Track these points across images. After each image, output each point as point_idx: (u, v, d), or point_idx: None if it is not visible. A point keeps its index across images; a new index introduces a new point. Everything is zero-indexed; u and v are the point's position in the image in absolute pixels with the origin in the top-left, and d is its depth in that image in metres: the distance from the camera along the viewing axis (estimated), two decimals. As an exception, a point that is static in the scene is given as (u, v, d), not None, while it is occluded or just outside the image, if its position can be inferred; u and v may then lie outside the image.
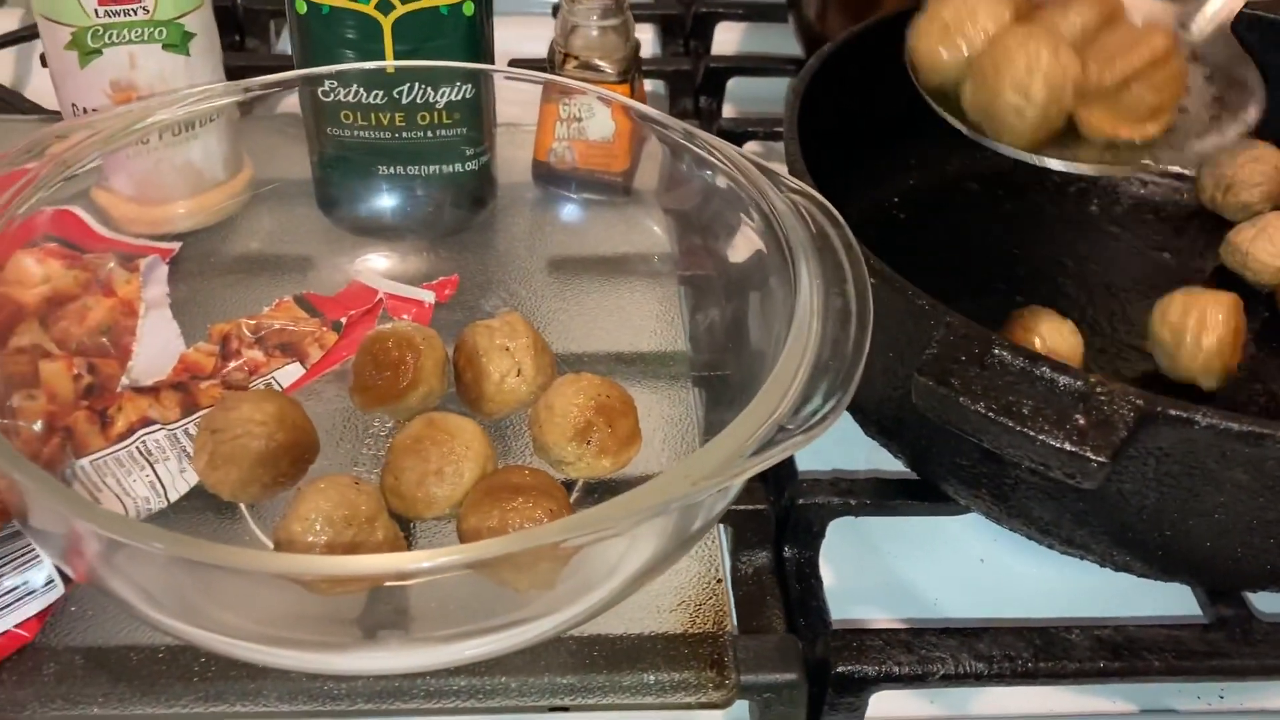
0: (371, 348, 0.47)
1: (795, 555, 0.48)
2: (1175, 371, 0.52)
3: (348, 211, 0.57)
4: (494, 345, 0.46)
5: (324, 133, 0.55)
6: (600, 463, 0.44)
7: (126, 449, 0.45)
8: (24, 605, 0.40)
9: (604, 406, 0.44)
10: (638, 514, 0.34)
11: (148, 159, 0.54)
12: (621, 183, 0.59)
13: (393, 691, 0.40)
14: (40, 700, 0.39)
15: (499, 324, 0.47)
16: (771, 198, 0.44)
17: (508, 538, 0.37)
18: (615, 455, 0.44)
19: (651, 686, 0.40)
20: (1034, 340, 0.50)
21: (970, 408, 0.38)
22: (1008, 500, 0.44)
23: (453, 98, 0.54)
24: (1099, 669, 0.43)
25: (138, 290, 0.52)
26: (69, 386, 0.46)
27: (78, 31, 0.52)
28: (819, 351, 0.38)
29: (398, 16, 0.51)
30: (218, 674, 0.40)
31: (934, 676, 0.42)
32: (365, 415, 0.49)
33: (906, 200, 0.64)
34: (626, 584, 0.39)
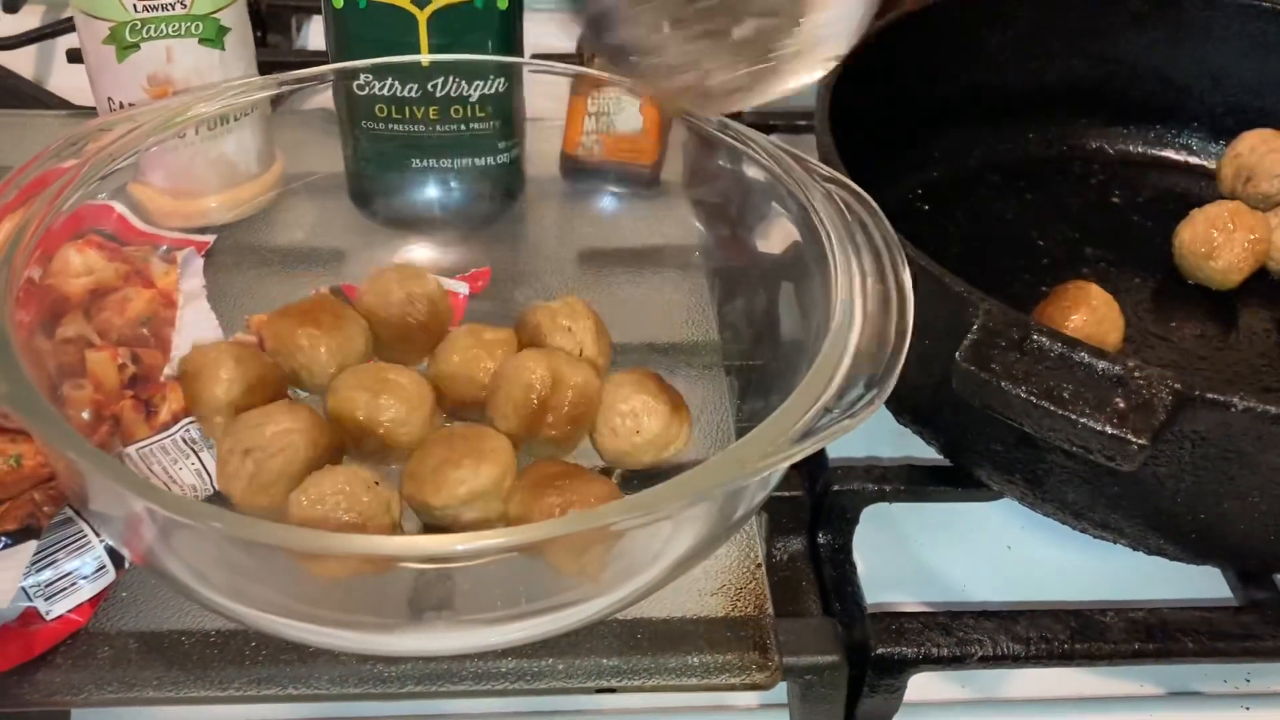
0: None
1: (829, 541, 0.49)
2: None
3: (381, 204, 0.58)
4: (557, 325, 0.47)
5: (358, 126, 0.55)
6: (651, 455, 0.45)
7: (171, 438, 0.46)
8: (77, 591, 0.40)
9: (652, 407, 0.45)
10: (690, 497, 0.35)
11: (184, 153, 0.54)
12: (649, 175, 0.59)
13: (441, 674, 0.40)
14: (96, 684, 0.39)
15: (560, 305, 0.47)
16: (809, 187, 0.45)
17: (564, 519, 0.38)
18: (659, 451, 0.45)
19: (696, 668, 0.41)
20: (1076, 317, 0.51)
21: (1012, 392, 0.38)
22: (1042, 485, 0.45)
23: (486, 91, 0.54)
24: (1134, 650, 0.43)
25: (176, 282, 0.52)
26: (114, 376, 0.46)
27: (116, 26, 0.53)
28: (860, 338, 0.39)
29: (433, 11, 0.52)
30: (268, 658, 0.40)
31: (972, 658, 0.43)
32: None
33: (930, 192, 0.64)
34: (670, 569, 0.39)
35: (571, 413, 0.44)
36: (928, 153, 0.65)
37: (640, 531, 0.38)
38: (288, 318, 0.47)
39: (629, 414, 0.45)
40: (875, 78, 0.58)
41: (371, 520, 0.40)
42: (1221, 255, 0.57)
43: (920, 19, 0.61)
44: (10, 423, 0.44)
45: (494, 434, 0.43)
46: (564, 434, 0.44)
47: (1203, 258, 0.57)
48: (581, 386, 0.44)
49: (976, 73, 0.65)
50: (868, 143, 0.54)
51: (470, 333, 0.47)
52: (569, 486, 0.41)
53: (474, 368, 0.46)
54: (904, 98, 0.62)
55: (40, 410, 0.34)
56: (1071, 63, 0.66)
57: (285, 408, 0.43)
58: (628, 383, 0.45)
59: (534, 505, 0.41)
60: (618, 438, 0.45)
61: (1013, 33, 0.65)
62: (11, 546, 0.39)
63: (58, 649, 0.40)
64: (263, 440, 0.41)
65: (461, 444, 0.42)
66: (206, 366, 0.44)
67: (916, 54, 0.62)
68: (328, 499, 0.39)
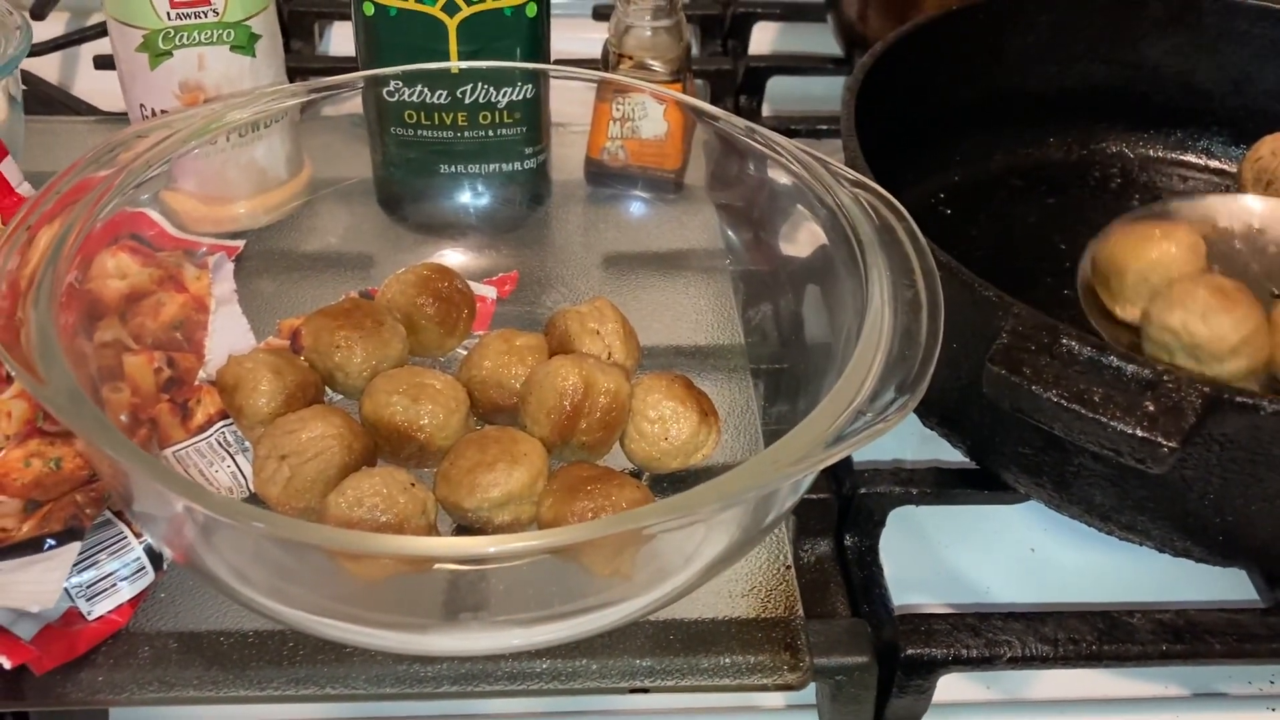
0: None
1: (856, 543, 0.49)
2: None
3: (409, 210, 0.58)
4: (585, 329, 0.47)
5: (387, 132, 0.56)
6: (679, 460, 0.46)
7: (206, 440, 0.46)
8: (117, 592, 0.41)
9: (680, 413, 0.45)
10: (726, 500, 0.35)
11: (215, 159, 0.55)
12: (674, 180, 0.60)
13: (476, 674, 0.41)
14: (137, 684, 0.40)
15: (588, 309, 0.48)
16: (837, 191, 0.45)
17: (602, 521, 0.38)
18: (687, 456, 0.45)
19: (728, 669, 0.41)
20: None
21: (1043, 395, 0.39)
22: (1069, 487, 0.45)
23: (514, 97, 0.55)
24: (1161, 652, 0.43)
25: (208, 286, 0.53)
26: (150, 380, 0.47)
27: (149, 34, 0.53)
28: (892, 342, 0.39)
29: (463, 18, 0.52)
30: (306, 658, 0.41)
31: (1001, 659, 0.43)
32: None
33: (952, 196, 0.65)
34: (703, 572, 0.40)
35: (604, 419, 0.44)
36: (949, 157, 0.66)
37: (674, 534, 0.39)
38: (326, 318, 0.47)
39: (657, 420, 0.45)
40: (897, 82, 0.59)
41: (408, 522, 0.40)
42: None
43: (941, 24, 0.62)
44: (49, 426, 0.45)
45: (527, 437, 0.43)
46: (596, 440, 0.44)
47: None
48: (614, 393, 0.45)
49: (997, 77, 0.66)
50: (889, 147, 0.54)
51: (501, 338, 0.47)
52: (601, 491, 0.41)
53: (505, 373, 0.46)
54: (925, 102, 0.62)
55: (88, 414, 0.35)
56: (1092, 67, 0.66)
57: (320, 413, 0.44)
58: (657, 388, 0.45)
59: (566, 509, 0.41)
60: (646, 443, 0.45)
61: (1033, 37, 0.65)
62: (56, 548, 0.40)
63: (99, 649, 0.40)
64: (298, 445, 0.42)
65: (495, 447, 0.43)
66: (244, 379, 0.45)
67: (938, 59, 0.62)
68: (365, 501, 0.40)
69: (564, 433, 0.44)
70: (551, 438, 0.44)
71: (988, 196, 0.65)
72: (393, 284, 0.51)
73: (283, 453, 0.42)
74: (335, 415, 0.44)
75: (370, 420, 0.45)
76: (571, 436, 0.44)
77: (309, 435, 0.42)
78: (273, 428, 0.43)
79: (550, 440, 0.44)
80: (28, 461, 0.44)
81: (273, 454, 0.42)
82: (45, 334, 0.37)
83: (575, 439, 0.44)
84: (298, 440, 0.42)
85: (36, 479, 0.43)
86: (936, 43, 0.61)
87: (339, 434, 0.43)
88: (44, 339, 0.37)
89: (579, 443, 0.44)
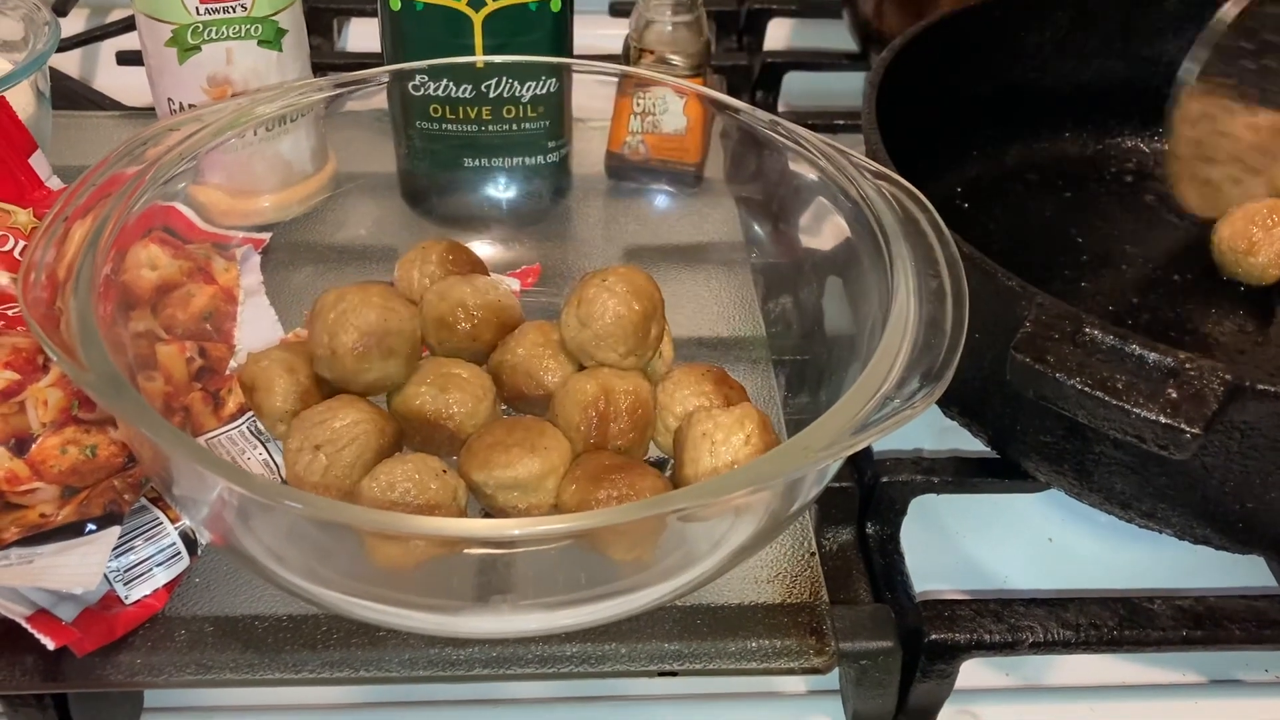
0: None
1: (877, 531, 0.50)
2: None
3: (432, 203, 0.59)
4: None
5: (412, 126, 0.56)
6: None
7: (238, 428, 0.47)
8: (154, 576, 0.42)
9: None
10: (757, 482, 0.36)
11: (242, 153, 0.56)
12: (693, 174, 0.60)
13: (507, 658, 0.42)
14: (175, 666, 0.40)
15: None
16: (861, 183, 0.46)
17: (637, 504, 0.39)
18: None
19: (755, 653, 0.42)
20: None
21: (1066, 383, 0.39)
22: (1091, 476, 0.46)
23: (538, 92, 0.55)
24: (1182, 637, 0.44)
25: (236, 278, 0.54)
26: (183, 369, 0.48)
27: (178, 29, 0.54)
28: (917, 331, 0.40)
29: (489, 13, 0.53)
30: (340, 641, 0.41)
31: (1023, 644, 0.43)
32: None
33: (968, 190, 0.65)
34: (729, 558, 0.40)
35: (632, 419, 0.44)
36: (965, 151, 0.66)
37: (702, 520, 0.39)
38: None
39: (683, 416, 0.45)
40: (915, 77, 0.60)
41: (440, 507, 0.41)
42: (1261, 251, 0.58)
43: (960, 19, 0.62)
44: (85, 414, 0.46)
45: (556, 433, 0.44)
46: (631, 441, 0.44)
47: (1242, 254, 0.58)
48: (634, 391, 0.45)
49: (1014, 72, 0.66)
50: (907, 141, 0.55)
51: (538, 329, 0.48)
52: (623, 479, 0.42)
53: (535, 364, 0.47)
54: (942, 97, 0.63)
55: (131, 399, 0.35)
56: (1108, 63, 0.67)
57: (347, 401, 0.44)
58: (687, 381, 0.46)
59: (590, 496, 0.42)
60: (672, 436, 0.46)
61: (1050, 33, 0.66)
62: (96, 532, 0.40)
63: (137, 632, 0.41)
64: (332, 434, 0.42)
65: (520, 433, 0.43)
66: (260, 378, 0.46)
67: (956, 54, 0.63)
68: (398, 486, 0.40)
69: (600, 441, 0.44)
70: (589, 449, 0.45)
71: (1004, 191, 0.66)
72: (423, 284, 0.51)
73: (316, 443, 0.42)
74: (361, 402, 0.44)
75: (400, 411, 0.45)
76: (607, 442, 0.45)
77: (341, 423, 0.43)
78: (300, 420, 0.44)
79: (589, 450, 0.45)
80: (64, 449, 0.44)
81: (305, 445, 0.43)
82: (85, 322, 0.38)
83: (610, 444, 0.45)
84: (330, 429, 0.43)
85: (73, 466, 0.44)
86: (955, 38, 0.62)
87: (371, 419, 0.43)
88: (84, 327, 0.38)
89: (614, 447, 0.45)
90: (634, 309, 0.46)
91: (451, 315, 0.48)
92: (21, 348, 0.46)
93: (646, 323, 0.47)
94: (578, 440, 0.44)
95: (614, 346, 0.46)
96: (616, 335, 0.46)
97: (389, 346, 0.45)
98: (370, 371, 0.45)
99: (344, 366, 0.44)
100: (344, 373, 0.45)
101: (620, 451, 0.45)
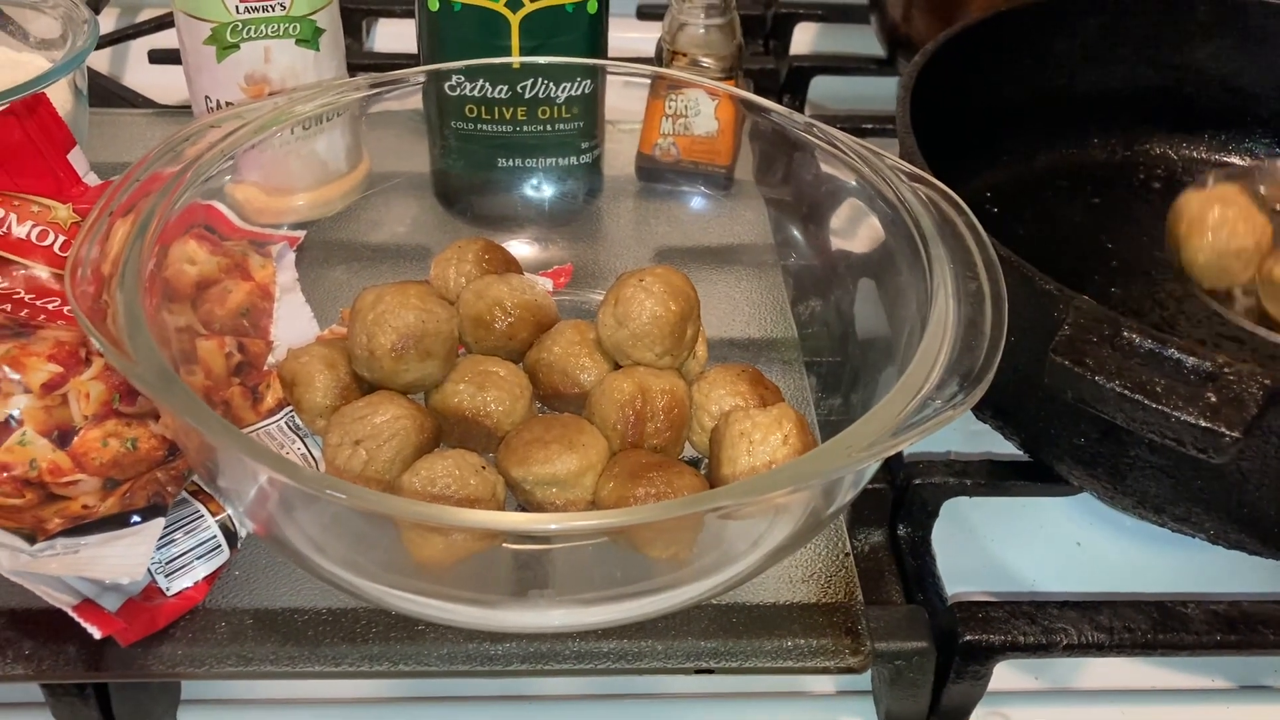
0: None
1: (909, 533, 0.50)
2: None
3: (466, 203, 0.59)
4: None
5: (447, 126, 0.57)
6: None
7: (276, 423, 0.47)
8: (194, 568, 0.42)
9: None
10: (799, 481, 0.36)
11: (278, 151, 0.56)
12: (724, 176, 0.61)
13: (544, 653, 0.42)
14: (216, 658, 0.41)
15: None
16: (898, 186, 0.46)
17: (680, 500, 0.39)
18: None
19: (791, 651, 0.42)
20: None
21: (1106, 386, 0.40)
22: (1124, 479, 0.46)
23: (572, 93, 0.56)
24: (1216, 641, 0.44)
25: (272, 275, 0.54)
26: (222, 364, 0.48)
27: (217, 27, 0.54)
28: (957, 332, 0.40)
29: (526, 14, 0.53)
30: (379, 635, 0.42)
31: (1058, 646, 0.44)
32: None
33: (998, 194, 0.65)
34: (766, 558, 0.40)
35: (669, 418, 0.45)
36: (994, 156, 0.66)
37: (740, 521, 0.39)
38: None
39: (719, 415, 0.46)
40: (946, 82, 0.60)
41: (480, 502, 0.41)
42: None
43: (990, 26, 0.63)
44: (125, 408, 0.46)
45: (593, 431, 0.44)
46: (667, 440, 0.45)
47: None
48: (670, 390, 0.45)
49: (1043, 78, 0.66)
50: (937, 145, 0.55)
51: (575, 328, 0.48)
52: (661, 477, 0.42)
53: (571, 362, 0.47)
54: (972, 102, 0.63)
55: (179, 391, 0.36)
56: (1138, 69, 0.67)
57: (387, 397, 0.45)
58: (723, 381, 0.46)
59: (627, 494, 0.42)
60: (707, 435, 0.46)
61: (1080, 39, 0.66)
62: (141, 524, 0.41)
63: (178, 623, 0.41)
64: (372, 430, 0.43)
65: (559, 430, 0.44)
66: (300, 373, 0.46)
67: (986, 59, 0.63)
68: (439, 481, 0.41)
69: (636, 440, 0.45)
70: (625, 447, 0.45)
71: (1033, 196, 0.66)
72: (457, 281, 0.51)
73: (356, 438, 0.43)
74: (400, 397, 0.45)
75: (438, 409, 0.46)
76: (643, 441, 0.45)
77: (381, 419, 0.43)
78: (340, 416, 0.44)
79: (625, 449, 0.45)
80: (105, 441, 0.45)
81: (345, 440, 0.43)
82: (133, 315, 0.38)
83: (646, 442, 0.45)
84: (371, 425, 0.43)
85: (114, 458, 0.44)
86: (986, 43, 0.62)
87: (410, 415, 0.44)
88: (132, 320, 0.38)
89: (651, 446, 0.45)
90: (670, 309, 0.46)
91: (489, 314, 0.48)
92: (64, 341, 0.46)
93: (683, 323, 0.47)
94: (614, 438, 0.45)
95: (650, 346, 0.46)
96: (653, 335, 0.46)
97: (427, 348, 0.45)
98: (409, 372, 0.45)
99: (382, 367, 0.45)
100: (382, 373, 0.45)
101: (656, 450, 0.45)
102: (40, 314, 0.50)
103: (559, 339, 0.48)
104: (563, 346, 0.47)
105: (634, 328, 0.46)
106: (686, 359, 0.49)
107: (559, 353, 0.47)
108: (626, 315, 0.46)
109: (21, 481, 0.43)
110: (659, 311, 0.46)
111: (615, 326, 0.46)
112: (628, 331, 0.46)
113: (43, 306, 0.50)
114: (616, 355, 0.47)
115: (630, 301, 0.46)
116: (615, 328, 0.46)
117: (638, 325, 0.46)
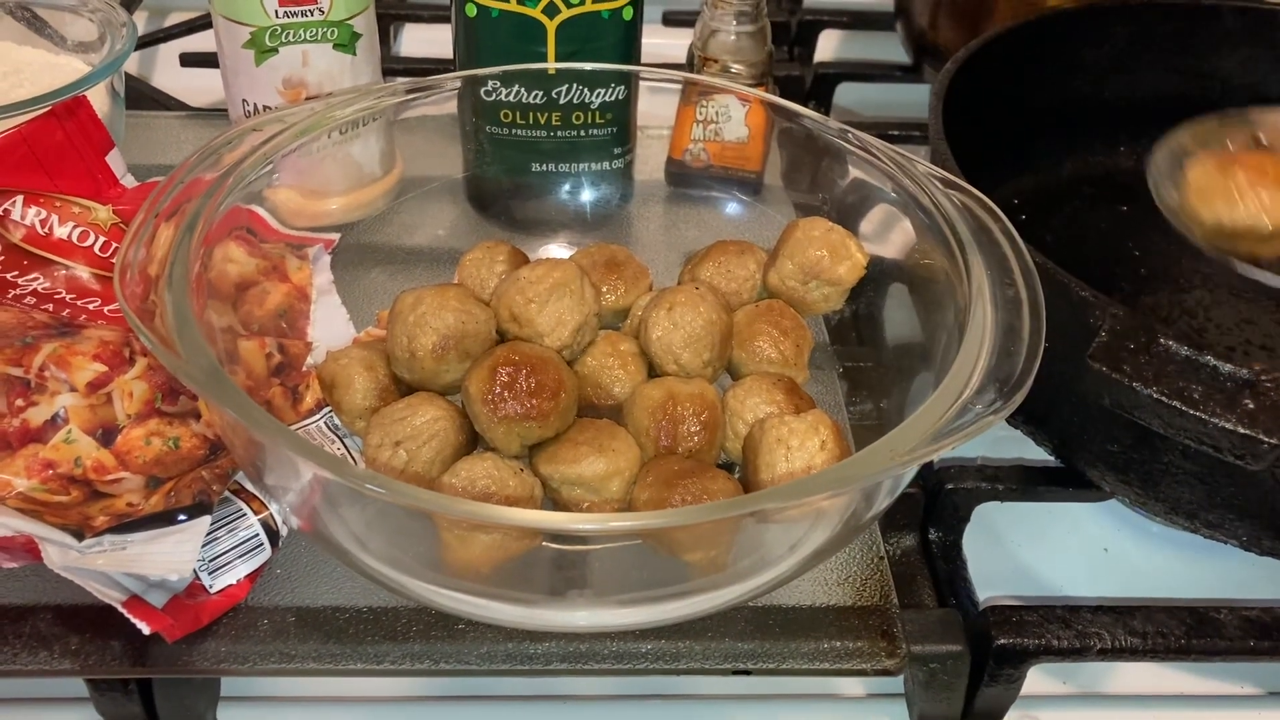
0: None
1: (940, 537, 0.50)
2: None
3: (499, 207, 0.60)
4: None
5: (482, 131, 0.57)
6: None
7: (316, 423, 0.48)
8: (237, 566, 0.43)
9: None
10: (841, 485, 0.37)
11: (315, 155, 0.57)
12: (754, 181, 0.61)
13: (583, 654, 0.42)
14: (259, 655, 0.41)
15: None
16: (934, 192, 0.47)
17: (722, 502, 0.40)
18: None
19: (827, 653, 0.42)
20: None
21: (1143, 392, 0.40)
22: (1157, 485, 0.46)
23: (606, 99, 0.56)
24: (1249, 647, 0.44)
25: (309, 277, 0.54)
26: (262, 364, 0.48)
27: (256, 31, 0.55)
28: (995, 338, 0.40)
29: (562, 20, 0.54)
30: (420, 634, 0.42)
31: (1091, 650, 0.44)
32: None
33: (1026, 202, 0.66)
34: (804, 562, 0.41)
35: (699, 421, 0.45)
36: (1022, 163, 0.67)
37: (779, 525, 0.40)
38: None
39: (753, 423, 0.46)
40: (975, 90, 0.60)
41: (519, 502, 0.42)
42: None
43: (1020, 34, 0.63)
44: (167, 407, 0.47)
45: (626, 437, 0.45)
46: (701, 444, 0.45)
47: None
48: (700, 395, 0.46)
49: (1072, 86, 0.67)
50: (965, 152, 0.55)
51: (608, 340, 0.49)
52: (696, 483, 0.42)
53: (605, 375, 0.48)
54: (1001, 109, 0.63)
55: (228, 388, 0.36)
56: (1166, 78, 0.67)
57: (426, 398, 0.45)
58: (758, 389, 0.46)
59: (663, 500, 0.42)
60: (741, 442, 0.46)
61: (1109, 48, 0.66)
62: (187, 521, 0.41)
63: (221, 620, 0.42)
64: (412, 431, 0.43)
65: (592, 433, 0.44)
66: (340, 375, 0.47)
67: (1016, 67, 0.63)
68: (479, 481, 0.41)
69: (670, 446, 0.45)
70: (659, 454, 0.45)
71: (1060, 203, 0.66)
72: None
73: (396, 439, 0.43)
74: (439, 399, 0.45)
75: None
76: (677, 445, 0.45)
77: (421, 420, 0.44)
78: (380, 417, 0.44)
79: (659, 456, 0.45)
80: (148, 440, 0.45)
81: (386, 441, 0.43)
82: (182, 314, 0.39)
83: (680, 447, 0.45)
84: (411, 426, 0.43)
85: (157, 457, 0.45)
86: (1016, 51, 0.62)
87: (450, 416, 0.44)
88: (181, 319, 0.39)
89: (684, 450, 0.45)
90: (724, 317, 0.47)
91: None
92: (109, 340, 0.47)
93: (729, 334, 0.48)
94: (648, 445, 0.45)
95: (700, 352, 0.47)
96: (705, 340, 0.47)
97: (466, 349, 0.46)
98: (449, 373, 0.46)
99: (423, 368, 0.45)
100: (423, 374, 0.46)
101: (690, 455, 0.45)
102: (81, 314, 0.50)
103: (592, 351, 0.48)
104: (596, 359, 0.48)
105: (689, 330, 0.47)
106: (720, 374, 0.49)
107: (593, 365, 0.48)
108: (683, 318, 0.47)
109: (67, 479, 0.44)
110: (714, 317, 0.47)
111: (670, 327, 0.47)
112: (683, 333, 0.47)
113: (84, 306, 0.51)
114: (661, 359, 0.47)
115: (687, 306, 0.47)
116: (670, 328, 0.47)
117: (693, 329, 0.47)
